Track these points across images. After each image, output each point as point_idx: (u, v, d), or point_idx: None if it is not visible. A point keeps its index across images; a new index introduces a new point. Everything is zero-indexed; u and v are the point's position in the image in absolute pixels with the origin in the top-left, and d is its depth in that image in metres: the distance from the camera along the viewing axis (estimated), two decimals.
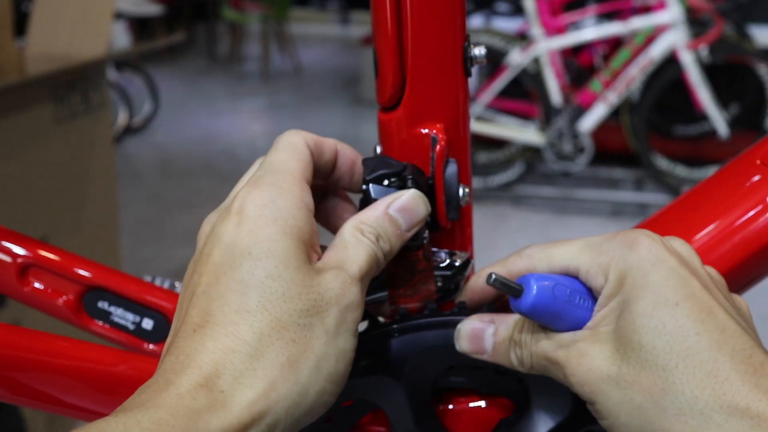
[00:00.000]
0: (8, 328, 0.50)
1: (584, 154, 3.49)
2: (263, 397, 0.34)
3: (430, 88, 0.47)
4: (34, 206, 1.72)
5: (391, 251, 0.42)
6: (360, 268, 0.39)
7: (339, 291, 0.38)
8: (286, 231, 0.38)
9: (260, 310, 0.36)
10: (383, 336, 0.46)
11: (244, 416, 0.33)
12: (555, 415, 0.48)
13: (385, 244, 0.42)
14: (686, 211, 0.55)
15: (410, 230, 0.43)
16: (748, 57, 3.36)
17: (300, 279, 0.37)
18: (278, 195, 0.39)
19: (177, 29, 7.69)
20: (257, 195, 0.39)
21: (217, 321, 0.36)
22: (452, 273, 0.48)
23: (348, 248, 0.40)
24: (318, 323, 0.37)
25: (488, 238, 3.10)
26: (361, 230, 0.41)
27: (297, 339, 0.36)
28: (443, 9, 0.46)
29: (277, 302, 0.36)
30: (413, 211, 0.43)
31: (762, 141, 0.55)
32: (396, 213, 0.42)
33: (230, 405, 0.33)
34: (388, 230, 0.42)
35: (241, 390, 0.34)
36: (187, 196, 3.59)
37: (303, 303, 0.36)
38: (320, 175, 0.46)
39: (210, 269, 0.38)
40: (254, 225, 0.38)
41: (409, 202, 0.43)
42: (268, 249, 0.37)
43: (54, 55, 1.79)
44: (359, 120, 5.36)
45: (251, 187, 0.40)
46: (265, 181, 0.40)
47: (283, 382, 0.35)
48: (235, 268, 0.37)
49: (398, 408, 0.47)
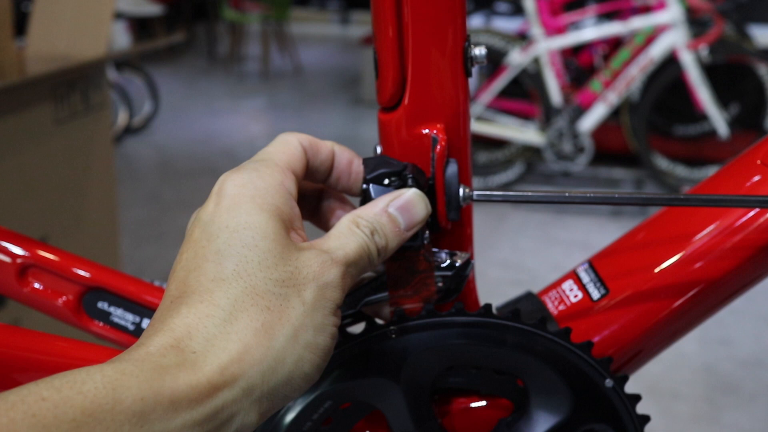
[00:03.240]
0: (8, 329, 0.50)
1: (584, 154, 3.49)
2: (237, 360, 0.34)
3: (430, 89, 0.47)
4: (33, 206, 1.71)
5: (388, 248, 0.42)
6: (346, 254, 0.40)
7: (318, 269, 0.38)
8: (264, 207, 0.38)
9: (235, 277, 0.36)
10: (381, 337, 0.46)
11: (215, 377, 0.33)
12: (554, 415, 0.48)
13: (381, 239, 0.42)
14: (687, 212, 0.55)
15: (409, 230, 0.43)
16: (748, 57, 3.36)
17: (277, 251, 0.37)
18: (257, 177, 0.40)
19: (177, 29, 7.69)
20: (236, 176, 0.40)
21: (193, 290, 0.36)
22: (453, 273, 0.48)
23: (340, 237, 0.40)
24: (294, 294, 0.37)
25: (488, 238, 3.10)
26: (357, 223, 0.41)
27: (272, 306, 0.36)
28: (443, 9, 0.46)
29: (253, 270, 0.36)
30: (413, 210, 0.43)
31: (762, 141, 0.55)
32: (396, 211, 0.43)
33: (201, 365, 0.33)
34: (386, 227, 0.42)
35: (214, 352, 0.34)
36: (186, 196, 3.59)
37: (279, 273, 0.37)
38: (317, 176, 0.46)
39: (189, 246, 0.38)
40: (232, 202, 0.39)
41: (409, 202, 0.43)
42: (245, 222, 0.38)
43: (54, 55, 1.79)
44: (359, 120, 5.35)
45: (232, 171, 0.41)
46: (246, 166, 0.41)
47: (257, 346, 0.35)
48: (212, 241, 0.38)
49: (397, 409, 0.47)
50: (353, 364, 0.46)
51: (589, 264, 0.56)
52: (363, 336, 0.46)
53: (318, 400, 0.46)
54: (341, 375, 0.46)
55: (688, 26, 3.28)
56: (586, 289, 0.55)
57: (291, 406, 0.46)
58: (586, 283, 0.55)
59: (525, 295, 0.58)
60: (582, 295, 0.55)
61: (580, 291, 0.55)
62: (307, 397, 0.46)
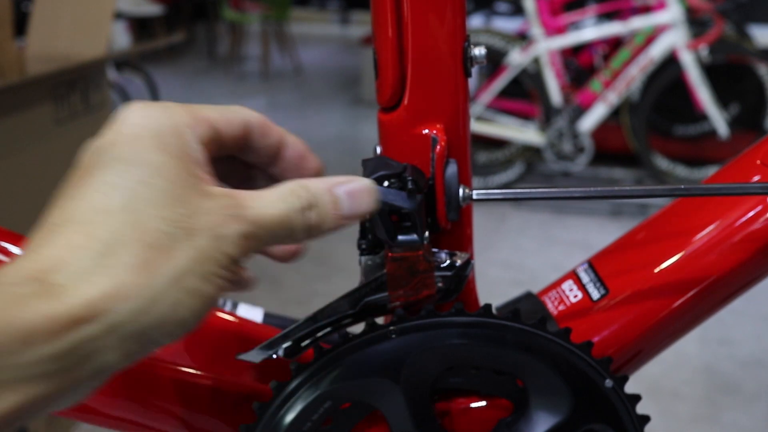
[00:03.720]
0: None
1: (584, 154, 3.49)
2: (107, 295, 0.32)
3: (429, 89, 0.47)
4: (33, 206, 1.71)
5: (319, 227, 0.39)
6: (260, 215, 0.37)
7: (217, 219, 0.35)
8: (167, 146, 0.36)
9: (122, 212, 0.34)
10: (381, 337, 0.46)
11: (77, 309, 0.31)
12: (553, 415, 0.48)
13: (314, 216, 0.39)
14: (687, 211, 0.55)
15: (350, 218, 0.41)
16: (748, 57, 3.36)
17: (174, 191, 0.35)
18: (165, 114, 0.37)
19: (177, 29, 7.69)
20: (143, 109, 0.37)
21: (73, 219, 0.34)
22: (452, 273, 0.48)
23: (268, 197, 0.38)
24: (185, 237, 0.34)
25: (488, 239, 3.10)
26: (297, 192, 0.39)
27: (157, 245, 0.33)
28: (443, 9, 0.46)
29: (143, 207, 0.34)
30: (360, 199, 0.41)
31: (762, 141, 0.55)
32: (343, 194, 0.40)
33: (64, 297, 0.31)
34: (326, 206, 0.39)
35: (82, 285, 0.32)
36: None
37: (172, 213, 0.34)
38: (260, 159, 0.44)
39: (79, 174, 0.36)
40: (132, 134, 0.36)
41: (359, 190, 0.41)
42: (144, 158, 0.35)
43: (54, 55, 1.79)
44: (359, 120, 5.35)
45: (141, 102, 0.38)
46: (158, 103, 0.38)
47: (132, 284, 0.33)
48: (104, 170, 0.35)
49: (396, 410, 0.47)
50: (353, 364, 0.46)
51: (589, 264, 0.56)
52: (363, 336, 0.46)
53: (318, 401, 0.46)
54: (341, 375, 0.46)
55: (688, 26, 3.28)
56: (585, 289, 0.55)
57: (291, 406, 0.46)
58: (586, 283, 0.55)
59: (525, 295, 0.58)
60: (582, 295, 0.55)
61: (579, 291, 0.55)
62: (306, 398, 0.46)
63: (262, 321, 0.68)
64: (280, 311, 0.71)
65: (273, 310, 0.70)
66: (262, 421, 0.46)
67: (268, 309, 0.70)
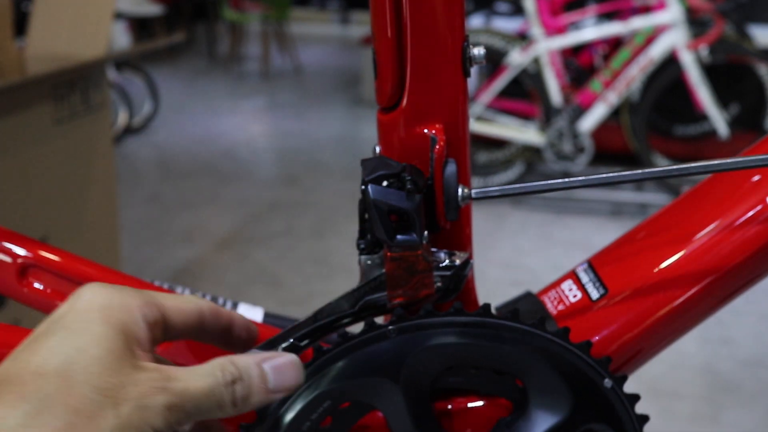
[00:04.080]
0: (8, 329, 0.50)
1: (584, 154, 3.49)
2: None
3: (429, 89, 0.47)
4: (33, 206, 1.72)
5: (248, 401, 0.42)
6: (186, 389, 0.39)
7: (144, 390, 0.37)
8: (110, 320, 0.39)
9: (55, 375, 0.36)
10: (380, 337, 0.46)
11: None
12: (553, 415, 0.48)
13: (243, 390, 0.41)
14: (686, 211, 0.55)
15: (276, 392, 0.43)
16: (748, 57, 3.36)
17: (108, 361, 0.37)
18: (117, 294, 0.40)
19: (177, 29, 7.69)
20: (98, 287, 0.41)
21: (10, 379, 0.36)
22: (451, 273, 0.48)
23: (196, 372, 0.40)
24: (110, 406, 0.36)
25: (488, 238, 3.10)
26: (224, 366, 0.41)
27: (83, 410, 0.35)
28: (442, 10, 0.46)
29: (75, 373, 0.36)
30: (286, 374, 0.43)
31: (761, 141, 0.55)
32: (269, 369, 0.43)
33: None
34: (254, 380, 0.42)
35: None
36: (187, 196, 3.59)
37: (102, 382, 0.36)
38: (215, 338, 0.47)
39: (31, 338, 0.39)
40: (82, 307, 0.39)
41: (284, 365, 0.43)
42: (85, 328, 0.38)
43: (54, 55, 1.79)
44: (359, 120, 5.35)
45: (100, 283, 0.41)
46: (116, 286, 0.41)
47: None
48: (49, 336, 0.38)
49: (396, 409, 0.47)
50: (352, 363, 0.46)
51: (588, 264, 0.56)
52: (362, 335, 0.46)
53: (317, 400, 0.46)
54: (340, 374, 0.46)
55: (688, 26, 3.28)
56: (585, 289, 0.55)
57: (290, 406, 0.47)
58: (585, 283, 0.55)
59: (524, 295, 0.58)
60: (581, 295, 0.55)
61: (579, 291, 0.55)
62: (306, 397, 0.46)
63: (262, 320, 0.68)
64: (280, 311, 0.71)
65: (273, 310, 0.70)
66: (261, 421, 0.47)
67: (268, 308, 0.70)
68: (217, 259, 2.91)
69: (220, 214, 3.40)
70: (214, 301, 0.61)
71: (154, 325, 0.41)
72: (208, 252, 2.97)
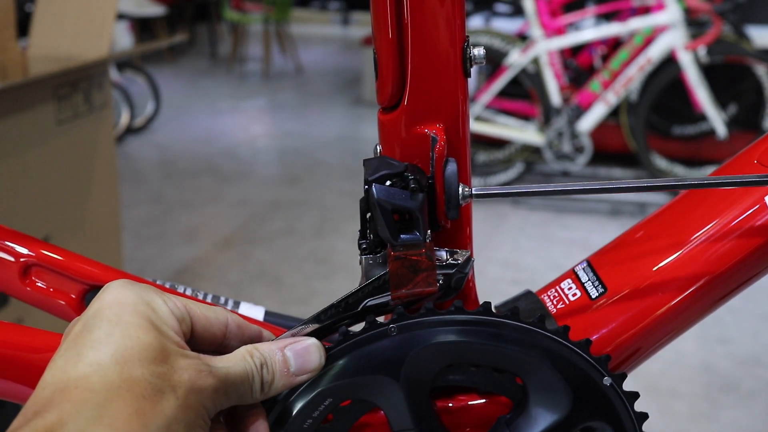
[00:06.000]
0: (10, 327, 0.50)
1: (583, 154, 3.49)
2: None
3: (429, 89, 0.48)
4: (36, 206, 1.72)
5: (273, 385, 0.44)
6: (228, 373, 0.41)
7: (194, 375, 0.39)
8: (145, 314, 0.40)
9: (113, 363, 0.37)
10: (381, 335, 0.47)
11: None
12: (552, 413, 0.49)
13: (268, 374, 0.44)
14: (685, 211, 0.55)
15: (299, 375, 0.45)
16: (746, 57, 3.36)
17: (157, 346, 0.39)
18: (144, 291, 0.42)
19: (179, 30, 7.69)
20: (122, 286, 0.42)
21: (69, 377, 0.37)
22: (453, 271, 0.48)
23: (230, 359, 0.42)
24: (169, 390, 0.38)
25: (488, 238, 3.10)
26: (251, 353, 0.43)
27: (147, 395, 0.37)
28: (442, 10, 0.46)
29: (131, 359, 0.37)
30: (307, 358, 0.45)
31: (759, 141, 0.55)
32: (291, 354, 0.45)
33: None
34: (277, 365, 0.44)
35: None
36: (188, 196, 3.59)
37: (157, 366, 0.38)
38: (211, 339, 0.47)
39: (69, 339, 0.40)
40: (115, 302, 0.40)
41: (306, 349, 0.45)
42: (128, 319, 0.39)
43: (56, 55, 1.80)
44: (359, 120, 5.35)
45: (120, 281, 0.43)
46: (135, 284, 0.43)
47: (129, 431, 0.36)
48: (93, 331, 0.39)
49: (396, 407, 0.48)
50: (353, 361, 0.47)
51: (588, 263, 0.57)
52: (363, 333, 0.47)
53: (318, 398, 0.47)
54: (341, 372, 0.47)
55: (687, 27, 3.28)
56: (584, 288, 0.55)
57: (291, 404, 0.47)
58: (585, 282, 0.55)
59: (524, 293, 0.58)
60: (580, 294, 0.55)
61: (578, 289, 0.55)
62: (307, 395, 0.47)
63: (264, 320, 0.68)
64: (282, 310, 0.72)
65: (274, 309, 0.70)
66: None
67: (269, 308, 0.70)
68: (218, 258, 2.92)
69: (222, 213, 3.40)
70: (216, 301, 0.61)
71: (181, 321, 0.42)
72: (209, 251, 2.97)
